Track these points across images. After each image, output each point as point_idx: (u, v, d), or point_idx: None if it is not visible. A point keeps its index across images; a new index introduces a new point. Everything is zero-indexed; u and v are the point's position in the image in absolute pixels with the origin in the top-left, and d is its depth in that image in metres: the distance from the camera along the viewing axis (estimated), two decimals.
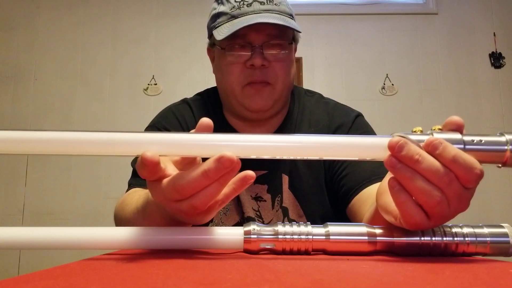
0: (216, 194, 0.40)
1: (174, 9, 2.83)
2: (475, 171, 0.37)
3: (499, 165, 0.40)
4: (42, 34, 2.80)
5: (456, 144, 0.39)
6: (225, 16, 0.81)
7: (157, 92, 2.74)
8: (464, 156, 0.38)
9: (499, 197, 2.62)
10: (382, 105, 2.71)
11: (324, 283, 0.27)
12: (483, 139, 0.39)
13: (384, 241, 0.43)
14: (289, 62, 0.83)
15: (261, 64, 0.79)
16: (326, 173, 0.85)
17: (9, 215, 2.60)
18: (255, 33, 0.79)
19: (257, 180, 0.85)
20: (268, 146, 0.40)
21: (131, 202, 0.66)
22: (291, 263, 0.37)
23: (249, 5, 0.80)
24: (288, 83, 0.84)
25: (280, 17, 0.79)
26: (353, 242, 0.43)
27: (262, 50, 0.80)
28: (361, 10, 2.87)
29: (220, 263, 0.36)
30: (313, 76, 2.78)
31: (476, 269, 0.35)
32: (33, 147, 0.40)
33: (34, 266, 2.47)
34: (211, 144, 0.40)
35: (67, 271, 0.31)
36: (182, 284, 0.26)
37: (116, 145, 0.41)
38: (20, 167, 2.66)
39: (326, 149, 0.40)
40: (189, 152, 0.41)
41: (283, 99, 0.86)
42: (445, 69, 2.79)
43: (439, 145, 0.38)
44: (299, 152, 0.40)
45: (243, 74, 0.81)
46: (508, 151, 0.39)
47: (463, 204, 0.39)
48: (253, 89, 0.81)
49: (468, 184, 0.38)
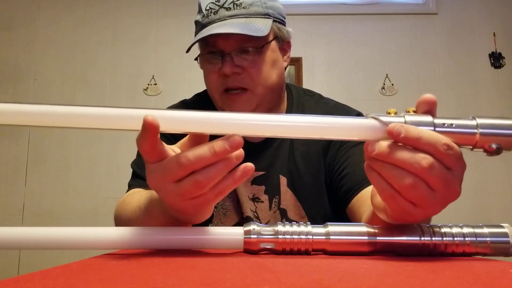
0: (220, 174, 0.40)
1: (174, 9, 2.83)
2: (442, 141, 0.38)
3: (470, 147, 0.41)
4: (42, 34, 2.80)
5: (427, 126, 0.40)
6: (199, 25, 0.82)
7: (157, 92, 2.74)
8: (428, 132, 0.38)
9: (498, 197, 2.62)
10: (382, 105, 2.71)
11: (324, 283, 0.27)
12: (454, 123, 0.40)
13: (384, 241, 0.43)
14: (264, 64, 0.80)
15: (232, 72, 0.78)
16: (326, 173, 0.85)
17: (9, 215, 2.60)
18: (224, 41, 0.78)
19: (255, 181, 0.85)
20: (272, 124, 0.41)
21: (132, 202, 0.66)
22: (291, 263, 0.37)
23: (216, 12, 0.79)
24: (269, 85, 0.82)
25: (245, 21, 0.77)
26: (353, 242, 0.43)
27: (232, 57, 0.78)
28: (361, 10, 2.87)
29: (220, 263, 0.36)
30: (313, 76, 2.78)
31: (476, 269, 0.35)
32: (33, 119, 0.40)
33: (34, 266, 2.47)
34: (212, 121, 0.40)
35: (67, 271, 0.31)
36: (182, 284, 0.26)
37: (118, 120, 0.40)
38: (20, 167, 2.66)
39: (317, 128, 0.41)
40: (191, 129, 0.41)
41: (269, 102, 0.84)
42: (445, 69, 2.79)
43: (401, 129, 0.38)
44: (300, 131, 0.41)
45: (218, 81, 0.80)
46: (478, 135, 0.40)
47: (451, 189, 0.39)
48: (230, 98, 0.80)
49: (445, 161, 0.38)
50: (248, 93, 0.80)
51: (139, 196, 0.64)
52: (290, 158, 0.86)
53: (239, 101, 0.80)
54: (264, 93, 0.81)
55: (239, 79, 0.79)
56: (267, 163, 0.85)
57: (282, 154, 0.86)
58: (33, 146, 2.68)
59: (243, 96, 0.80)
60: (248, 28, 0.76)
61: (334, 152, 0.84)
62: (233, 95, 0.80)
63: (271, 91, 0.83)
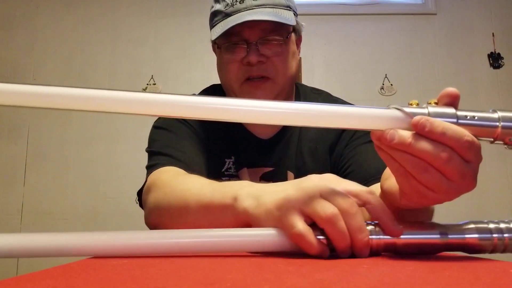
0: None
1: (173, 9, 2.83)
2: (465, 138, 0.38)
3: (491, 140, 0.41)
4: (41, 34, 2.80)
5: (450, 118, 0.40)
6: (220, 15, 0.81)
7: (156, 92, 2.74)
8: (452, 127, 0.39)
9: (497, 196, 2.62)
10: (381, 105, 2.64)
11: (324, 283, 0.27)
12: (476, 115, 0.41)
13: (456, 239, 0.42)
14: (287, 54, 0.83)
15: (257, 60, 0.79)
16: (332, 169, 0.86)
17: (8, 216, 2.60)
18: (249, 30, 0.79)
19: (264, 177, 0.86)
20: (281, 112, 0.41)
21: (192, 188, 0.58)
22: (292, 263, 0.37)
23: (242, 1, 0.79)
24: (290, 75, 0.84)
25: (273, 11, 0.79)
26: (424, 241, 0.42)
27: (257, 46, 0.79)
28: (360, 10, 2.87)
29: (221, 263, 0.36)
30: (313, 76, 2.78)
31: (476, 269, 0.35)
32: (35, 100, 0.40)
33: (34, 266, 2.47)
34: (220, 107, 0.40)
35: (67, 271, 0.31)
36: (182, 284, 0.26)
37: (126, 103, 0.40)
38: (19, 167, 2.65)
39: (329, 117, 0.41)
40: (198, 115, 0.41)
41: (285, 93, 0.86)
42: (444, 69, 2.79)
43: (426, 123, 0.38)
44: (305, 119, 0.41)
45: (240, 71, 0.81)
46: (499, 128, 0.40)
47: (467, 181, 0.39)
48: (252, 86, 0.81)
49: (465, 155, 0.39)
50: (270, 82, 0.82)
51: (200, 186, 0.57)
52: (298, 154, 0.87)
53: (262, 89, 0.81)
54: (284, 83, 0.83)
55: (263, 68, 0.80)
56: (276, 159, 0.87)
57: (290, 150, 0.87)
58: (32, 146, 2.67)
59: (266, 84, 0.81)
60: (279, 17, 0.78)
61: (341, 149, 0.85)
62: (255, 82, 0.81)
63: (290, 81, 0.86)
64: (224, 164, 0.86)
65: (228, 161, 0.86)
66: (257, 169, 0.86)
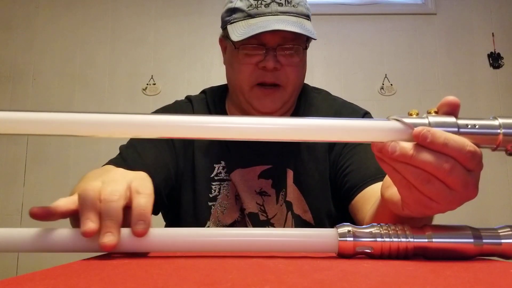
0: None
1: (173, 9, 2.83)
2: (467, 149, 0.38)
3: (493, 147, 0.41)
4: (40, 34, 2.80)
5: (451, 127, 0.40)
6: (241, 13, 0.80)
7: (156, 92, 2.74)
8: (454, 137, 0.39)
9: (497, 198, 2.62)
10: (380, 105, 2.71)
11: (325, 283, 0.27)
12: (477, 123, 0.40)
13: (490, 244, 0.40)
14: (301, 65, 0.84)
15: (274, 67, 0.79)
16: (330, 168, 0.85)
17: (7, 215, 2.60)
18: (270, 35, 0.78)
19: (262, 175, 0.86)
20: (270, 128, 0.41)
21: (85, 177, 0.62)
22: (292, 263, 0.37)
23: (267, 5, 0.78)
24: (299, 85, 0.85)
25: (297, 20, 0.78)
26: (457, 246, 0.40)
27: (275, 52, 0.79)
28: (359, 10, 2.87)
29: (221, 263, 0.36)
30: (312, 76, 2.78)
31: (476, 269, 0.35)
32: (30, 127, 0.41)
33: (34, 267, 2.47)
34: (212, 126, 0.41)
35: (67, 271, 0.31)
36: (183, 284, 0.26)
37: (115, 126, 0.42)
38: (19, 167, 2.65)
39: (325, 131, 0.42)
40: (183, 134, 0.41)
41: (292, 100, 0.87)
42: (444, 69, 2.79)
43: (427, 134, 0.38)
44: (301, 135, 0.42)
45: (254, 74, 0.80)
46: (501, 135, 0.40)
47: (469, 189, 0.39)
48: (262, 92, 0.81)
49: (468, 165, 0.39)
50: (281, 90, 0.82)
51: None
52: (296, 152, 0.87)
53: (272, 96, 0.81)
54: (292, 92, 0.84)
55: (276, 75, 0.80)
56: (274, 157, 0.86)
57: (289, 148, 0.87)
58: (32, 146, 2.67)
59: (277, 92, 0.81)
60: (305, 29, 0.78)
61: (340, 148, 0.85)
62: (267, 89, 0.81)
63: (298, 89, 0.86)
64: (213, 170, 0.86)
65: (217, 166, 0.86)
66: (254, 168, 0.86)
